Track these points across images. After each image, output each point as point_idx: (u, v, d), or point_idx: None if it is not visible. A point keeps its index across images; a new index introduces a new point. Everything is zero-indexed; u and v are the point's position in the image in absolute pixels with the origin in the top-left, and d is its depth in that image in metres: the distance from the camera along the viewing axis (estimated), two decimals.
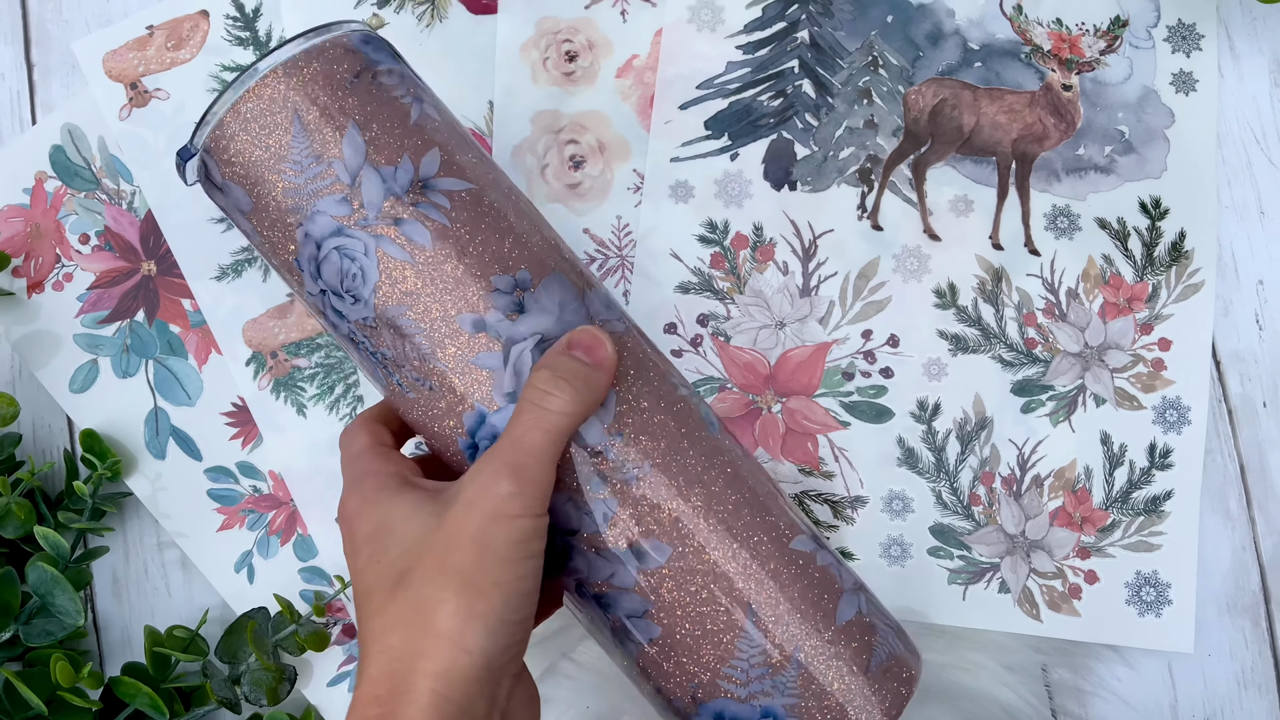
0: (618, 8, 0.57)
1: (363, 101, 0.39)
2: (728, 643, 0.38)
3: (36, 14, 0.57)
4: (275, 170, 0.39)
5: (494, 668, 0.34)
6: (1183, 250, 0.56)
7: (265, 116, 0.39)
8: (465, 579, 0.34)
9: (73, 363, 0.55)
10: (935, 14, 0.57)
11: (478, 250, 0.38)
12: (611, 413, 0.38)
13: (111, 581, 0.55)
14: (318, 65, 0.39)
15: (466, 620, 0.34)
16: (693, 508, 0.38)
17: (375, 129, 0.39)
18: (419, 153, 0.39)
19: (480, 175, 0.40)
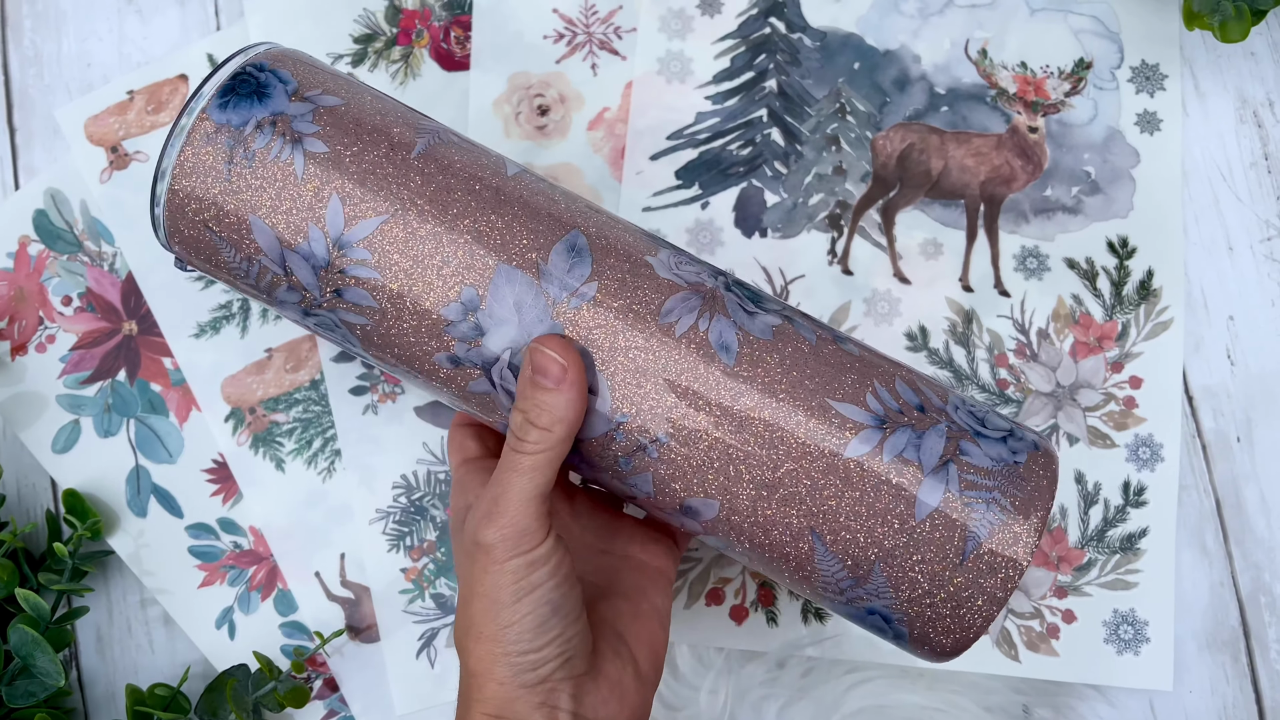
0: (588, 61, 0.58)
1: (248, 186, 0.38)
2: (807, 565, 0.38)
3: (18, 80, 0.59)
4: (228, 277, 0.40)
5: (535, 684, 0.38)
6: (1151, 288, 0.56)
7: (189, 234, 0.39)
8: (479, 629, 0.38)
9: (55, 423, 0.55)
10: (901, 60, 0.58)
11: (417, 288, 0.38)
12: (608, 398, 0.38)
13: (95, 639, 0.55)
14: (192, 176, 0.38)
15: (491, 661, 0.38)
16: (721, 459, 0.38)
17: (272, 211, 0.38)
18: (320, 213, 0.38)
19: (391, 188, 0.38)
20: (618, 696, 0.40)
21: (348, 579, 0.54)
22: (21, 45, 0.59)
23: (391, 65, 0.57)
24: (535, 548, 0.37)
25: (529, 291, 0.38)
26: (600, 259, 0.39)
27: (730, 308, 0.39)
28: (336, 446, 0.55)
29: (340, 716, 0.54)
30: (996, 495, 0.37)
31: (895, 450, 0.37)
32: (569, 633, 0.38)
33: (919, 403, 0.39)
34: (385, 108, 0.41)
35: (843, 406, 0.38)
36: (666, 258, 0.40)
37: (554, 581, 0.38)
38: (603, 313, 0.38)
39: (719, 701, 0.53)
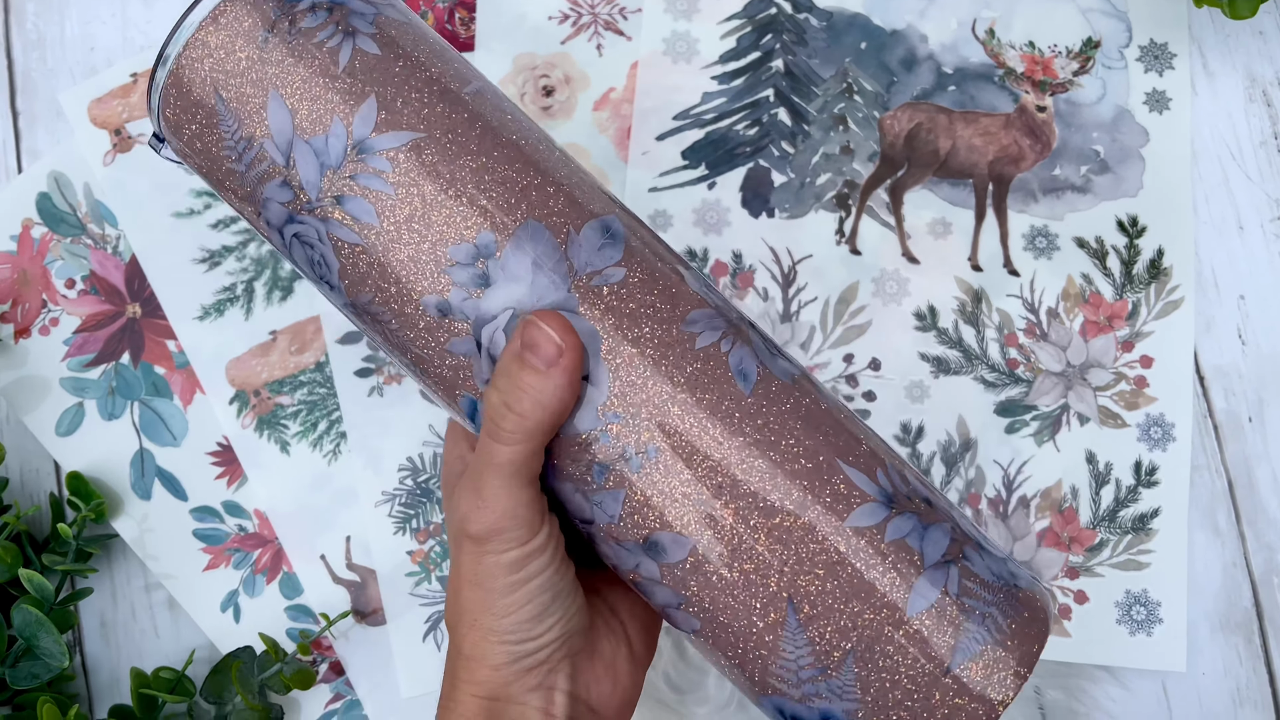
0: (593, 42, 0.57)
1: (281, 60, 0.34)
2: (770, 641, 0.34)
3: (21, 63, 0.58)
4: (218, 159, 0.36)
5: (534, 667, 0.36)
6: (1161, 267, 0.56)
7: (192, 101, 0.35)
8: (472, 617, 0.36)
9: (59, 407, 0.55)
10: (909, 40, 0.58)
11: (432, 216, 0.34)
12: (604, 391, 0.34)
13: (100, 624, 0.55)
14: (224, 31, 0.34)
15: (486, 648, 0.36)
16: (711, 492, 0.33)
17: (299, 92, 0.34)
18: (351, 109, 0.34)
19: (434, 111, 0.35)
20: (611, 676, 0.39)
21: (354, 562, 0.54)
22: (25, 29, 0.59)
23: None
24: (530, 540, 0.35)
25: (552, 254, 0.34)
26: (633, 249, 0.35)
27: (754, 341, 0.36)
28: (342, 429, 0.55)
29: (346, 699, 0.53)
30: (994, 612, 0.33)
31: (899, 533, 0.34)
32: (569, 613, 0.37)
33: (927, 496, 0.35)
34: (449, 51, 0.37)
35: (853, 472, 0.34)
36: (696, 277, 0.37)
37: (552, 569, 0.35)
38: (624, 300, 0.34)
39: (727, 686, 0.53)
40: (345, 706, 0.53)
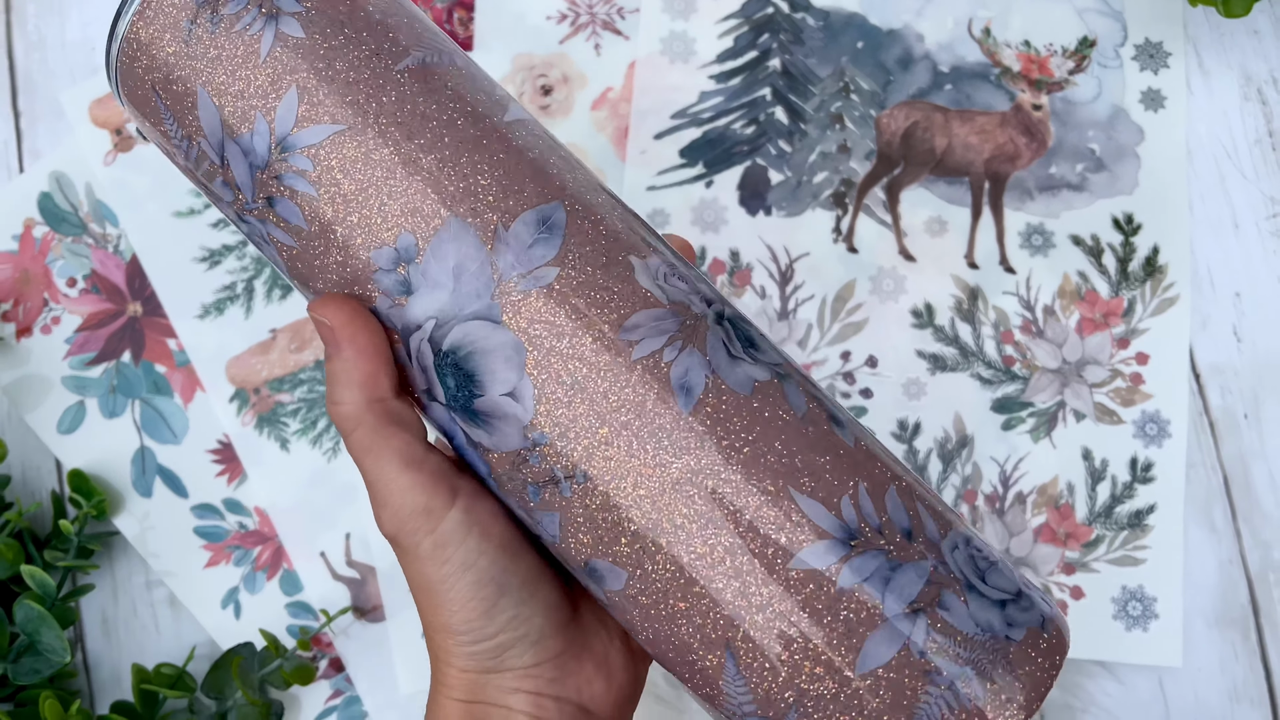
0: (591, 42, 0.58)
1: (204, 53, 0.32)
2: (714, 681, 0.31)
3: (23, 64, 0.59)
4: (174, 156, 0.34)
5: (502, 670, 0.35)
6: (1157, 265, 0.56)
7: (137, 93, 0.33)
8: (428, 620, 0.35)
9: (60, 405, 0.55)
10: (905, 39, 0.58)
11: (355, 220, 0.31)
12: (530, 409, 0.31)
13: (101, 621, 0.55)
14: (150, 25, 0.32)
15: (448, 652, 0.34)
16: (646, 520, 0.30)
17: (223, 87, 0.31)
18: (272, 103, 0.31)
19: (359, 97, 0.31)
20: (604, 675, 0.37)
21: (353, 559, 0.54)
22: (26, 30, 0.59)
23: None
24: (438, 525, 0.33)
25: (475, 257, 0.31)
26: (574, 243, 0.31)
27: (710, 344, 0.31)
28: None
29: (346, 695, 0.54)
30: (969, 673, 0.29)
31: (857, 575, 0.29)
32: (525, 611, 0.34)
33: (908, 526, 0.30)
34: (397, 9, 0.33)
35: (807, 502, 0.30)
36: (656, 265, 0.32)
37: (485, 559, 0.33)
38: (554, 307, 0.31)
39: None
40: (345, 702, 0.54)
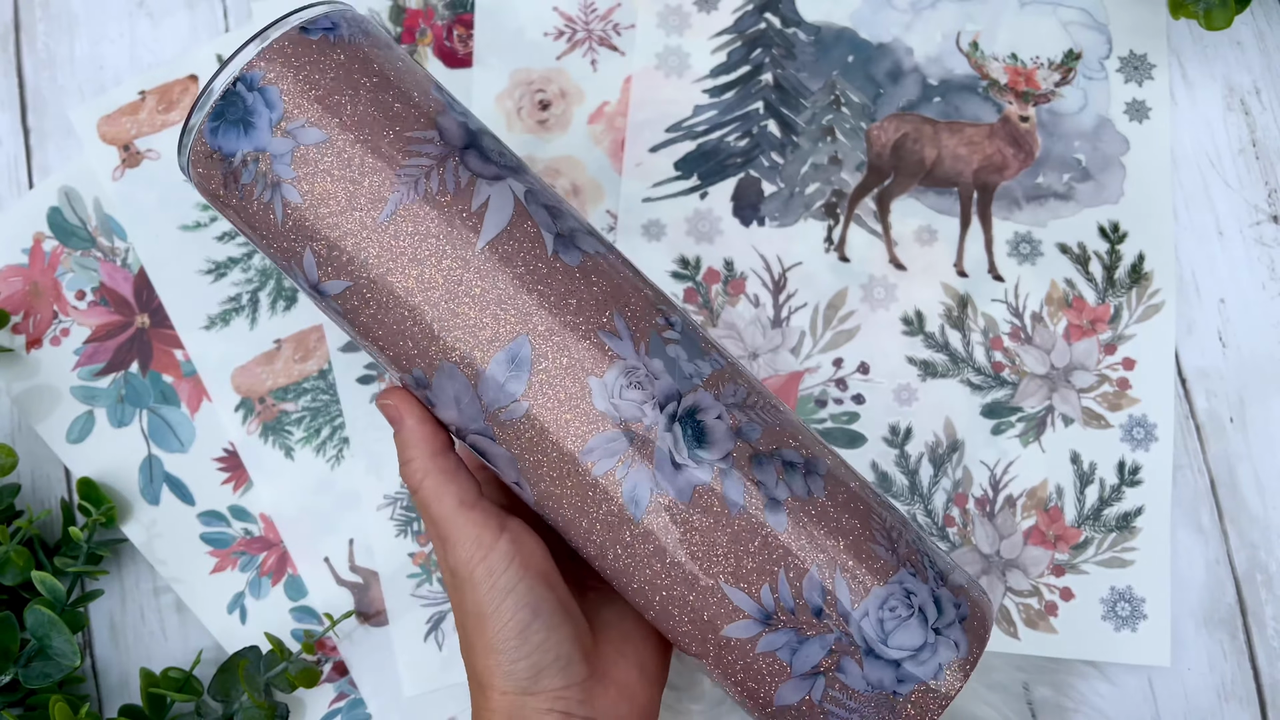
0: (588, 57, 0.59)
1: (241, 213, 0.39)
2: None
3: (32, 82, 0.60)
4: None
5: (537, 691, 0.39)
6: (1142, 272, 0.57)
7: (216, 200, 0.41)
8: (472, 642, 0.40)
9: (70, 414, 0.56)
10: (894, 53, 0.59)
11: (385, 346, 0.39)
12: (531, 497, 0.39)
13: (109, 627, 0.56)
14: (202, 177, 0.39)
15: (489, 674, 0.39)
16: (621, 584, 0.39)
17: (263, 240, 0.39)
18: (296, 262, 0.39)
19: (359, 251, 0.38)
20: (628, 698, 0.41)
21: (356, 564, 0.55)
22: (35, 48, 0.60)
23: None
24: (489, 554, 0.39)
25: (466, 392, 0.38)
26: (540, 371, 0.38)
27: (659, 457, 0.38)
28: (344, 434, 0.56)
29: (350, 698, 0.55)
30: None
31: (770, 646, 0.38)
32: (555, 637, 0.39)
33: (819, 606, 0.38)
34: (376, 137, 0.38)
35: (733, 592, 0.38)
36: (614, 379, 0.38)
37: (524, 585, 0.39)
38: (524, 432, 0.38)
39: None
40: (349, 705, 0.55)
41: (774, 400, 0.41)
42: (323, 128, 0.38)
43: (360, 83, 0.38)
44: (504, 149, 0.41)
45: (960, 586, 0.40)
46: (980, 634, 0.39)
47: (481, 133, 0.41)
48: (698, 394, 0.39)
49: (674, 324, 0.40)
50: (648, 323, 0.39)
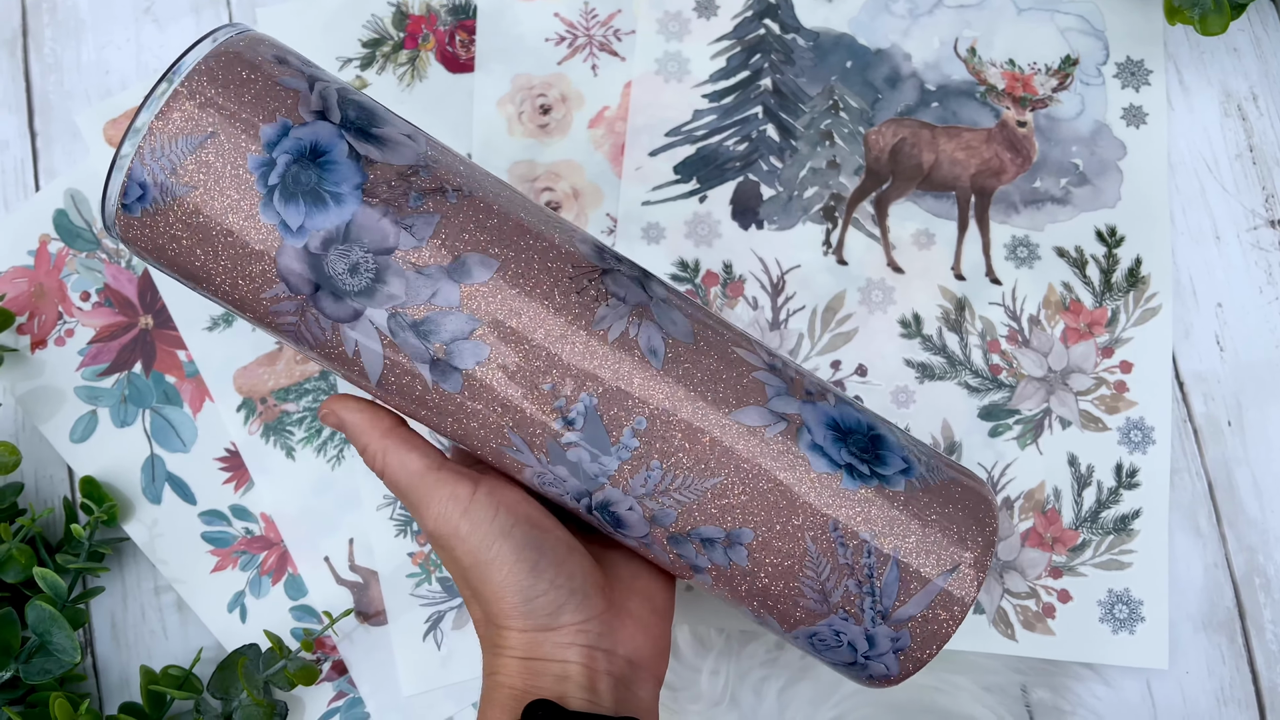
0: (588, 62, 0.60)
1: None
2: None
3: (39, 86, 0.61)
4: None
5: (557, 626, 0.39)
6: (1139, 275, 0.57)
7: None
8: (483, 596, 0.40)
9: (73, 414, 0.57)
10: (893, 58, 0.60)
11: None
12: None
13: (110, 626, 0.56)
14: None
15: (506, 616, 0.39)
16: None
17: None
18: None
19: None
20: (643, 630, 0.41)
21: (356, 563, 0.56)
22: (43, 53, 0.61)
23: (399, 68, 0.60)
24: (467, 506, 0.39)
25: None
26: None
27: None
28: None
29: (349, 697, 0.55)
30: None
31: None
32: (565, 570, 0.40)
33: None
34: (241, 308, 0.41)
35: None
36: (532, 478, 0.41)
37: (519, 530, 0.39)
38: None
39: (720, 682, 0.54)
40: (347, 704, 0.55)
41: (706, 461, 0.39)
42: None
43: (194, 256, 0.39)
44: (351, 256, 0.38)
45: (904, 620, 0.40)
46: (917, 659, 0.41)
47: (322, 253, 0.38)
48: (605, 491, 0.40)
49: (573, 421, 0.39)
50: (544, 431, 0.39)
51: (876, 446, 0.41)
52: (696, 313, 0.42)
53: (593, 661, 0.39)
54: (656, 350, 0.39)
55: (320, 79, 0.40)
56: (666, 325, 0.40)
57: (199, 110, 0.37)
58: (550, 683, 0.38)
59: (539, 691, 0.38)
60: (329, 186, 0.37)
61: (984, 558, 0.40)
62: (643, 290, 0.41)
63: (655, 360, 0.39)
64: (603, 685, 0.39)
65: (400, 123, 0.41)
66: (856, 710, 0.54)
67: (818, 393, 0.42)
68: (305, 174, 0.37)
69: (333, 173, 0.37)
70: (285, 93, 0.38)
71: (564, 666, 0.39)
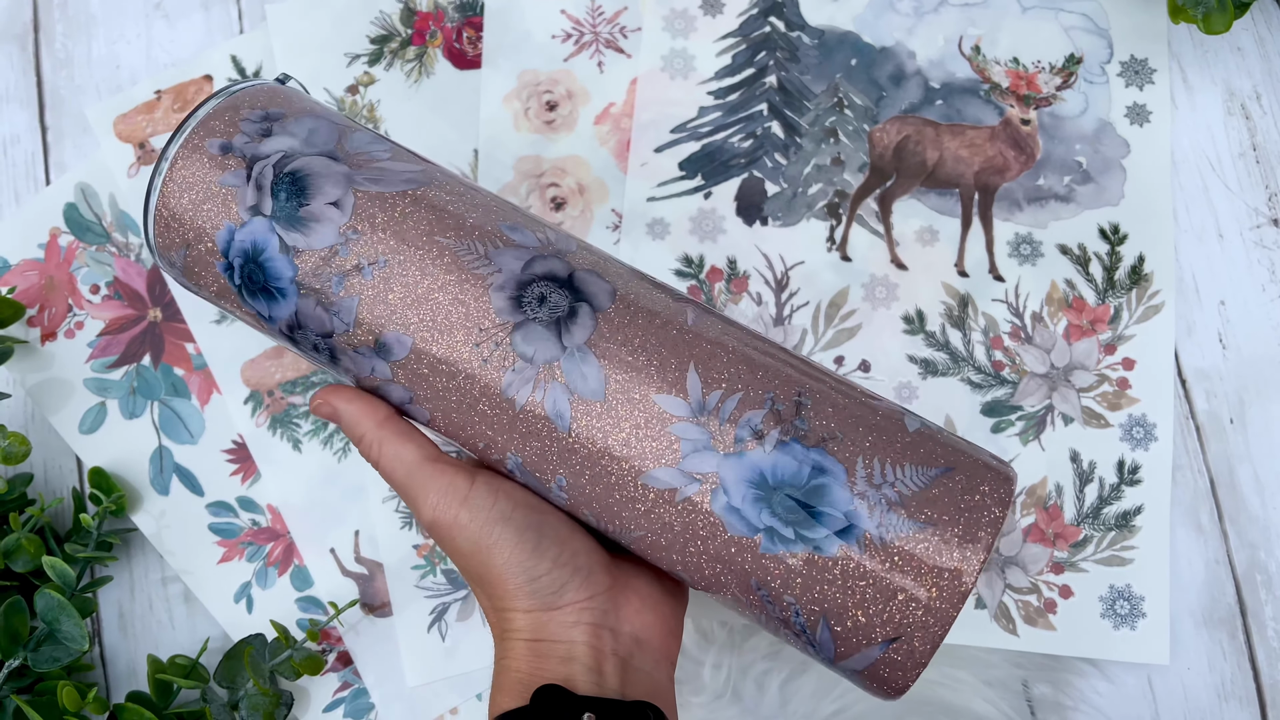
0: (595, 59, 0.60)
1: None
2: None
3: (50, 81, 0.61)
4: None
5: (562, 605, 0.39)
6: (1142, 273, 0.58)
7: None
8: (487, 581, 0.40)
9: (82, 406, 0.57)
10: (897, 56, 0.60)
11: None
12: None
13: (118, 616, 0.57)
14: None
15: (511, 599, 0.40)
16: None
17: None
18: None
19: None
20: (651, 606, 0.41)
21: (362, 555, 0.56)
22: (54, 48, 0.62)
23: (406, 64, 0.60)
24: (466, 494, 0.39)
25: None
26: None
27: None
28: None
29: (354, 688, 0.55)
30: None
31: None
32: (568, 549, 0.40)
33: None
34: None
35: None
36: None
37: (519, 513, 0.39)
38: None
39: (722, 675, 0.55)
40: (352, 695, 0.55)
41: (624, 518, 0.39)
42: None
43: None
44: (309, 339, 0.42)
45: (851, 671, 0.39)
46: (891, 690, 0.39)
47: (289, 334, 0.42)
48: None
49: (512, 472, 0.41)
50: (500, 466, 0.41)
51: (812, 502, 0.37)
52: (621, 352, 0.39)
53: (599, 641, 0.39)
54: (563, 414, 0.38)
55: (260, 156, 0.40)
56: (576, 383, 0.38)
57: (168, 231, 0.41)
58: (556, 665, 0.38)
59: (545, 674, 0.38)
60: (273, 283, 0.40)
61: (947, 608, 0.36)
62: (557, 340, 0.38)
63: (561, 424, 0.38)
64: (609, 666, 0.39)
65: (329, 186, 0.40)
66: (858, 704, 0.54)
67: (786, 412, 0.38)
68: (255, 274, 0.40)
69: (271, 270, 0.40)
70: (226, 192, 0.40)
71: (570, 648, 0.39)
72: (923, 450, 0.38)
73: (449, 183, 0.42)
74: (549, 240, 0.41)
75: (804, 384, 0.39)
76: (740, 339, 0.40)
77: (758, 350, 0.40)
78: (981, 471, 0.38)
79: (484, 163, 0.59)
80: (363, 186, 0.40)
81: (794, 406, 0.38)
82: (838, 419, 0.38)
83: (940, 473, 0.37)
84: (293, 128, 0.41)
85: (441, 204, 0.40)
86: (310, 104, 0.43)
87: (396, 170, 0.41)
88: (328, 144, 0.41)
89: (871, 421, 0.38)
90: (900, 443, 0.38)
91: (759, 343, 0.40)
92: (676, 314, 0.40)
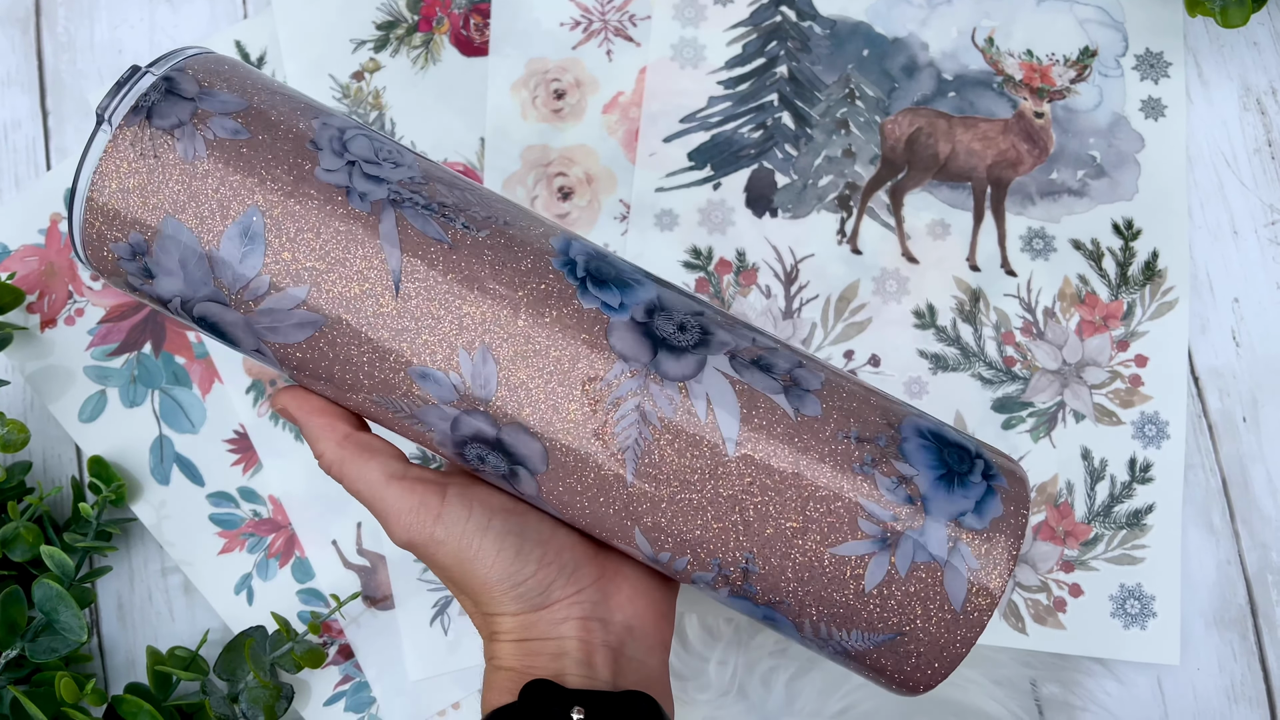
0: (603, 48, 0.59)
1: None
2: None
3: (52, 66, 0.61)
4: None
5: (549, 604, 0.39)
6: (1156, 269, 0.57)
7: None
8: (473, 590, 0.39)
9: (82, 394, 0.57)
10: (910, 47, 0.59)
11: None
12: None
13: (117, 607, 0.56)
14: None
15: (498, 604, 0.39)
16: None
17: None
18: None
19: None
20: (642, 593, 0.40)
21: (364, 547, 0.55)
22: (56, 32, 0.61)
23: (413, 51, 0.59)
24: (440, 511, 0.38)
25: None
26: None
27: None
28: None
29: (355, 681, 0.55)
30: None
31: None
32: (552, 548, 0.39)
33: None
34: None
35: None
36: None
37: (497, 520, 0.38)
38: None
39: (728, 672, 0.54)
40: (354, 688, 0.55)
41: None
42: None
43: None
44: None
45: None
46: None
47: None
48: None
49: None
50: None
51: (771, 619, 0.38)
52: (567, 512, 0.38)
53: (589, 634, 0.38)
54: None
55: (161, 298, 0.38)
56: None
57: None
58: (546, 661, 0.38)
59: (536, 671, 0.38)
60: None
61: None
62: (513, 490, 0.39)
63: None
64: (599, 658, 0.38)
65: (244, 338, 0.38)
66: (865, 702, 0.54)
67: (734, 576, 0.37)
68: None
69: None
70: None
71: (560, 643, 0.38)
72: (869, 610, 0.37)
73: (338, 327, 0.37)
74: (464, 381, 0.36)
75: (749, 550, 0.37)
76: (681, 490, 0.37)
77: (699, 501, 0.37)
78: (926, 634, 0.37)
79: (491, 151, 0.58)
80: (267, 338, 0.37)
81: (741, 574, 0.37)
82: (789, 587, 0.37)
83: (888, 639, 0.37)
84: (166, 262, 0.37)
85: (342, 356, 0.37)
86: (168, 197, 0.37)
87: (284, 310, 0.37)
88: (206, 281, 0.37)
89: (821, 585, 0.36)
90: (846, 604, 0.37)
91: (703, 487, 0.36)
92: (614, 467, 0.36)
